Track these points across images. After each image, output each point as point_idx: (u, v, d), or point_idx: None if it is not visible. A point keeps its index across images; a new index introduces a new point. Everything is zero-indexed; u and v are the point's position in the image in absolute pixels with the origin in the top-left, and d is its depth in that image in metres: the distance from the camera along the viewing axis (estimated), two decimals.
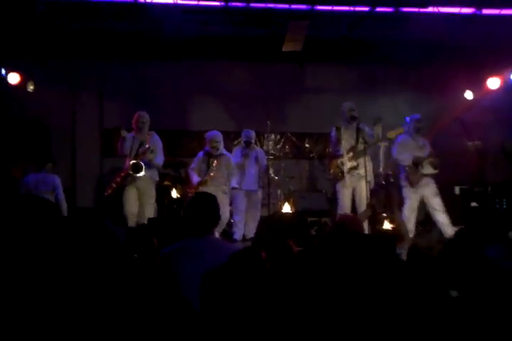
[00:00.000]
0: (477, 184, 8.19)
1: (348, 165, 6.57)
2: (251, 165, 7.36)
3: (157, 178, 6.84)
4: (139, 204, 6.58)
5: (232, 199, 7.24)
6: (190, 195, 6.50)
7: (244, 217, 7.28)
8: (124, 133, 6.55)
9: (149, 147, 6.55)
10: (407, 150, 6.71)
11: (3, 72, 7.25)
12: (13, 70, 7.37)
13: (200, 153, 6.99)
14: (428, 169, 6.63)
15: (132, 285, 1.69)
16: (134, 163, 6.50)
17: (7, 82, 7.35)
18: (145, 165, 6.52)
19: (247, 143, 7.45)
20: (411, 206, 6.65)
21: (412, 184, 6.61)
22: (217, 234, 5.78)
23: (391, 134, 6.54)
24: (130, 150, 6.63)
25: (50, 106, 8.36)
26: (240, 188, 7.27)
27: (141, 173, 6.48)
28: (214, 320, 1.96)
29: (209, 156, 6.81)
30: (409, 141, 6.77)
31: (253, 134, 7.50)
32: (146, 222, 5.95)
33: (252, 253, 2.18)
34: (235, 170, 7.07)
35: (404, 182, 6.73)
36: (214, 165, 6.68)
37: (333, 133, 6.76)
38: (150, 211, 6.64)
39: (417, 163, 6.59)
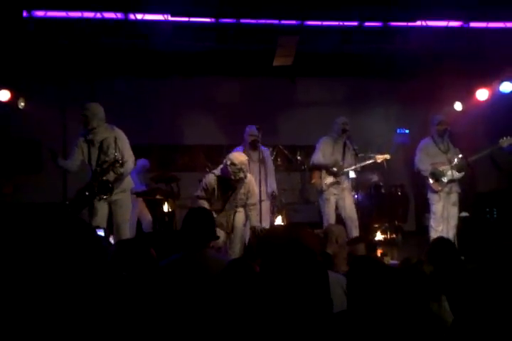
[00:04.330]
0: (468, 194, 8.20)
1: (329, 180, 6.60)
2: (255, 170, 6.16)
3: (131, 185, 5.64)
4: (114, 220, 5.45)
5: None
6: None
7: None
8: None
9: (117, 159, 5.20)
10: (429, 156, 6.50)
11: None
12: (4, 87, 7.35)
13: (211, 177, 5.45)
14: (451, 175, 6.39)
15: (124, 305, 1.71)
16: (100, 183, 5.26)
17: None
18: (114, 180, 5.30)
19: (255, 143, 6.53)
20: (435, 213, 6.45)
21: (435, 191, 6.46)
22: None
23: (378, 158, 6.63)
24: (89, 158, 5.34)
25: (42, 122, 8.31)
26: None
27: (110, 194, 5.28)
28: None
29: (227, 183, 5.35)
30: (431, 145, 6.55)
31: (257, 131, 6.47)
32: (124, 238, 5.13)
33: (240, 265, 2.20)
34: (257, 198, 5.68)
35: (428, 189, 6.57)
36: (238, 194, 5.39)
37: (320, 144, 6.75)
38: (125, 228, 5.47)
39: (435, 178, 6.42)
